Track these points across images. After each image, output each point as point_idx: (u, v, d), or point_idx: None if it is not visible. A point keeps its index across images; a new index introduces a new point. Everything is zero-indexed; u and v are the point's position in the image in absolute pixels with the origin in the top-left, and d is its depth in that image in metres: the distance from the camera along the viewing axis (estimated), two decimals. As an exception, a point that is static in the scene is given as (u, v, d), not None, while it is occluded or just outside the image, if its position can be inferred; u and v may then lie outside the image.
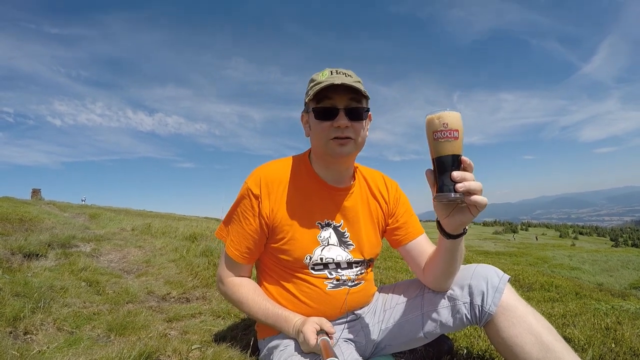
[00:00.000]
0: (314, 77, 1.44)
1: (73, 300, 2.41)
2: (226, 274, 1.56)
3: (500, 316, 1.37)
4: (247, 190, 1.48)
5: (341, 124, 1.37)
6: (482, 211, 1.15)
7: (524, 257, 22.81)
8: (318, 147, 1.47)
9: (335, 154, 1.42)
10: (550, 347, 1.28)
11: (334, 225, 1.53)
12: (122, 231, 6.43)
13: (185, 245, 4.95)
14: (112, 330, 2.02)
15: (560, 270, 18.81)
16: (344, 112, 1.38)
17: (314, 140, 1.48)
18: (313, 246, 1.49)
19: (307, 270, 1.49)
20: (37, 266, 3.08)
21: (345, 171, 1.56)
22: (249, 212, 1.48)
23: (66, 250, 3.74)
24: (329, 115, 1.39)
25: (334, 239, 1.52)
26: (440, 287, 1.49)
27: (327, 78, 1.38)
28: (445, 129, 1.07)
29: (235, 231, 1.51)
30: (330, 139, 1.40)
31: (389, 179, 1.70)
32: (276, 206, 1.47)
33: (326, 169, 1.53)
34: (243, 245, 1.50)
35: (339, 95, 1.38)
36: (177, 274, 3.60)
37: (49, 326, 2.01)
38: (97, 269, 3.29)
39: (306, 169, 1.55)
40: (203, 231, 6.31)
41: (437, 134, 1.09)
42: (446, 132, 1.07)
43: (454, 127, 1.08)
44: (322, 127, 1.40)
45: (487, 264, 1.51)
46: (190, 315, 2.48)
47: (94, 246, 4.31)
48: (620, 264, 23.25)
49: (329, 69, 1.44)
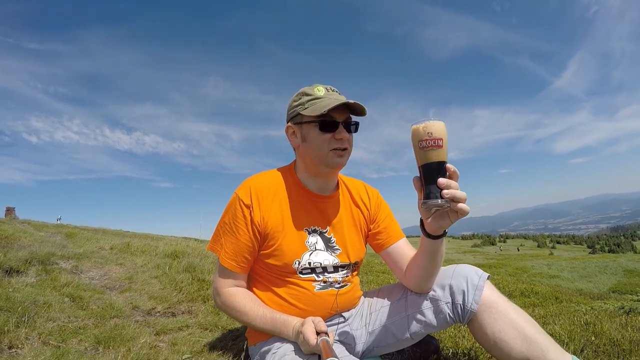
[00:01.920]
0: (309, 92, 1.54)
1: (57, 314, 2.37)
2: (222, 285, 1.57)
3: (483, 313, 1.43)
4: (238, 200, 1.53)
5: (343, 137, 1.51)
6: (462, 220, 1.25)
7: (504, 267, 23.11)
8: (316, 158, 1.54)
9: (334, 164, 1.53)
10: (534, 339, 1.35)
11: (320, 231, 1.61)
12: (100, 250, 6.28)
13: (167, 262, 4.88)
14: (100, 343, 2.00)
15: (540, 279, 19.12)
16: (342, 125, 1.51)
17: (310, 150, 1.54)
18: (301, 251, 1.56)
19: (296, 274, 1.55)
20: (18, 282, 3.01)
21: (332, 180, 1.67)
22: (241, 222, 1.52)
23: (46, 266, 3.65)
24: (331, 128, 1.50)
25: (320, 244, 1.60)
26: (422, 288, 1.56)
27: (326, 95, 1.52)
28: (430, 138, 1.15)
29: (229, 242, 1.54)
30: (330, 150, 1.51)
31: (370, 187, 1.81)
32: (266, 215, 1.53)
33: (314, 178, 1.62)
34: (239, 255, 1.53)
35: (338, 110, 1.49)
36: (161, 290, 3.56)
37: (34, 340, 1.98)
38: (80, 285, 3.23)
39: (292, 179, 1.63)
40: (184, 249, 6.22)
41: (423, 142, 1.16)
42: (431, 140, 1.15)
43: (438, 136, 1.15)
44: (323, 139, 1.50)
45: (466, 264, 1.59)
46: (178, 328, 2.47)
47: (75, 263, 4.22)
48: (598, 269, 23.76)
49: (320, 85, 1.56)
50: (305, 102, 1.53)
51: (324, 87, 1.55)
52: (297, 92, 1.59)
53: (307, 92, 1.55)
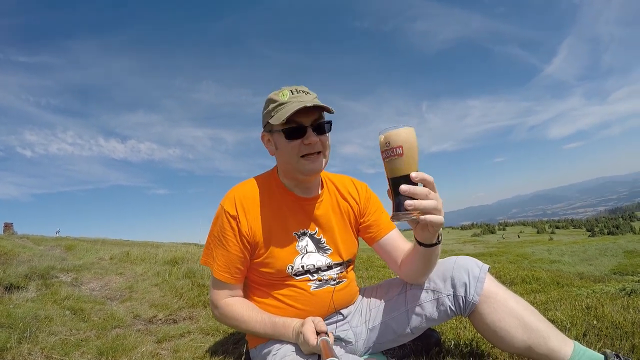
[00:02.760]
0: (275, 98, 1.49)
1: (59, 328, 2.38)
2: (218, 297, 1.58)
3: (483, 304, 1.44)
4: (223, 212, 1.53)
5: (312, 141, 1.45)
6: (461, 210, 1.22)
7: (504, 255, 23.08)
8: (289, 165, 1.52)
9: (307, 171, 1.49)
10: (534, 327, 1.36)
11: (309, 233, 1.61)
12: (100, 260, 6.27)
13: (166, 270, 4.88)
14: (103, 354, 2.01)
15: (541, 265, 19.13)
16: (311, 129, 1.45)
17: (283, 158, 1.53)
18: (293, 256, 1.56)
19: (291, 277, 1.56)
20: (19, 297, 3.01)
21: (314, 183, 1.64)
22: (229, 234, 1.52)
23: (46, 280, 3.66)
24: (298, 134, 1.45)
25: (311, 247, 1.60)
26: (417, 281, 1.58)
27: (290, 99, 1.45)
28: (389, 148, 1.11)
29: (220, 255, 1.54)
30: (300, 157, 1.47)
31: (357, 181, 1.79)
32: (254, 224, 1.53)
33: (296, 183, 1.60)
34: (231, 266, 1.54)
35: (304, 114, 1.44)
36: (161, 297, 3.57)
37: (37, 355, 1.98)
38: (80, 297, 3.24)
39: (276, 184, 1.62)
40: (183, 255, 6.22)
41: (384, 154, 1.13)
42: (390, 150, 1.11)
43: (397, 144, 1.10)
44: (292, 146, 1.46)
45: (466, 256, 1.59)
46: (179, 335, 2.48)
47: (75, 276, 4.22)
48: (599, 252, 23.74)
49: (287, 88, 1.51)
50: (271, 109, 1.49)
51: (290, 90, 1.49)
52: (266, 99, 1.55)
53: (273, 98, 1.50)
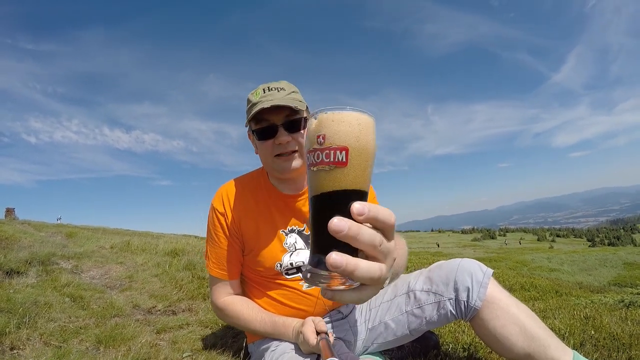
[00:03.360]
0: (250, 98, 1.49)
1: (58, 315, 2.38)
2: (218, 296, 1.60)
3: (484, 309, 1.41)
4: (212, 209, 1.58)
5: (282, 141, 1.43)
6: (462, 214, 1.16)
7: (504, 261, 23.01)
8: (266, 165, 1.55)
9: (282, 170, 1.49)
10: (535, 335, 1.34)
11: (297, 230, 1.60)
12: (101, 249, 6.27)
13: (167, 261, 4.89)
14: (101, 343, 2.01)
15: (540, 272, 19.06)
16: (283, 128, 1.43)
17: (261, 158, 1.55)
18: (281, 254, 1.55)
19: (282, 276, 1.55)
20: (19, 283, 3.01)
21: (298, 180, 1.61)
22: (219, 230, 1.56)
23: (47, 267, 3.65)
24: (269, 134, 1.45)
25: (300, 243, 1.58)
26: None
27: (261, 98, 1.43)
28: (321, 147, 0.55)
29: (213, 252, 1.58)
30: (274, 157, 1.47)
31: None
32: (241, 220, 1.55)
33: (280, 181, 1.60)
34: (224, 262, 1.56)
35: (275, 112, 1.42)
36: (161, 288, 3.57)
37: (35, 341, 1.98)
38: (80, 285, 3.24)
39: (264, 181, 1.62)
40: (184, 247, 6.23)
41: (311, 155, 0.56)
42: (323, 151, 0.55)
43: (339, 144, 0.54)
44: (265, 146, 1.47)
45: (470, 259, 1.56)
46: (178, 326, 2.48)
47: (75, 263, 4.22)
48: (598, 262, 23.64)
49: (263, 85, 1.49)
50: (247, 110, 1.50)
51: (262, 88, 1.47)
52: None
53: (249, 98, 1.50)
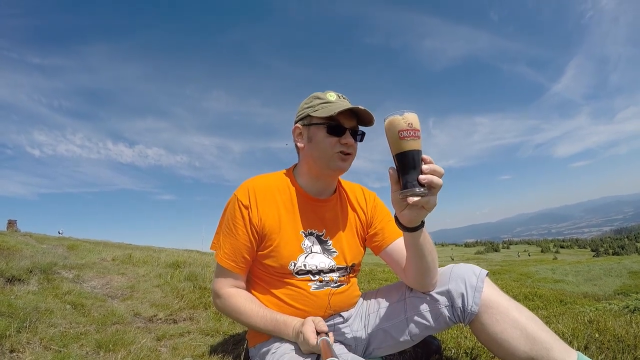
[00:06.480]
0: (321, 96, 1.59)
1: (59, 321, 2.37)
2: (221, 286, 1.58)
3: (484, 314, 1.40)
4: (236, 201, 1.55)
5: (349, 142, 1.53)
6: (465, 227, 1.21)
7: (508, 274, 22.84)
8: (320, 159, 1.55)
9: (336, 167, 1.55)
10: (537, 338, 1.32)
11: (316, 234, 1.61)
12: (102, 261, 6.27)
13: (168, 272, 4.88)
14: (101, 347, 2.00)
15: (545, 284, 18.86)
16: (349, 132, 1.54)
17: (315, 152, 1.56)
18: (297, 253, 1.55)
19: (292, 275, 1.55)
20: (20, 290, 3.01)
21: (331, 184, 1.68)
22: (239, 223, 1.53)
23: (48, 275, 3.66)
24: (339, 132, 1.52)
25: (317, 247, 1.60)
26: (422, 286, 1.51)
27: (337, 100, 1.57)
28: (410, 128, 1.16)
29: (227, 243, 1.55)
30: (335, 152, 1.53)
31: (367, 190, 1.81)
32: (264, 216, 1.54)
33: (315, 181, 1.63)
34: (238, 255, 1.54)
35: (347, 117, 1.54)
36: (162, 298, 3.56)
37: (35, 345, 1.97)
38: (82, 293, 3.23)
39: (291, 182, 1.64)
40: (186, 259, 6.22)
41: (403, 132, 1.16)
42: (411, 130, 1.16)
43: (417, 127, 1.17)
44: (329, 141, 1.52)
45: (464, 264, 1.55)
46: (179, 334, 2.46)
47: (77, 273, 4.22)
48: (603, 272, 23.38)
49: (334, 92, 1.61)
50: (316, 105, 1.56)
51: (336, 94, 1.60)
52: (309, 96, 1.63)
53: (319, 96, 1.59)
